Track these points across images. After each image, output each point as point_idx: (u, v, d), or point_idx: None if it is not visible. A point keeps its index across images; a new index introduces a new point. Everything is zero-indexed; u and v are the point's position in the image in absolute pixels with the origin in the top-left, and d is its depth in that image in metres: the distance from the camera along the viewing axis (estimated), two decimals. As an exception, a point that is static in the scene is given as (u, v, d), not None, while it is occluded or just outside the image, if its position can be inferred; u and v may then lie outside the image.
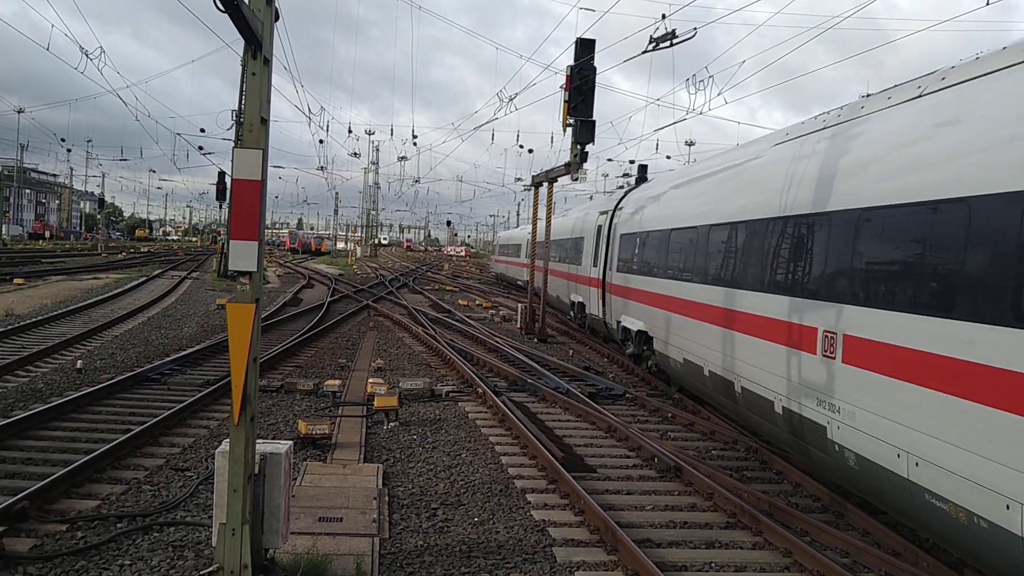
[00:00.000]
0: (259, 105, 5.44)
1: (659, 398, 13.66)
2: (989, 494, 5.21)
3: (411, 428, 10.92)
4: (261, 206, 5.40)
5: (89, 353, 15.35)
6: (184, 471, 8.43)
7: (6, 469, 8.13)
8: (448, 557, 6.55)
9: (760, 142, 11.21)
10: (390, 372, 15.09)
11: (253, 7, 5.31)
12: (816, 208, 8.17)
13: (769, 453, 9.96)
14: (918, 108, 6.91)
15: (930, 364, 5.96)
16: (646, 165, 26.31)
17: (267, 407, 11.59)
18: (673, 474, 9.13)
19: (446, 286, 43.57)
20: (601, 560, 6.64)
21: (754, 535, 7.35)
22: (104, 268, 42.72)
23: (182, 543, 6.50)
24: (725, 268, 10.68)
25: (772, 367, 8.81)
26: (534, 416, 11.63)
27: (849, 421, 7.09)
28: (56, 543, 6.36)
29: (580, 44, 17.76)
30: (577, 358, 18.36)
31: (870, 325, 6.85)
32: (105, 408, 11.00)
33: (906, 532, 7.32)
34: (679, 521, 7.68)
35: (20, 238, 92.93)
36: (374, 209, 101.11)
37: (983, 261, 5.54)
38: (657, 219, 14.69)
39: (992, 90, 5.92)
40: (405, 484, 8.46)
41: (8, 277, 31.36)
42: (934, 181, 6.21)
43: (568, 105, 17.62)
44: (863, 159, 7.53)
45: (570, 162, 18.91)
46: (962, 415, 5.51)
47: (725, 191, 11.42)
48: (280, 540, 5.70)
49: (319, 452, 9.41)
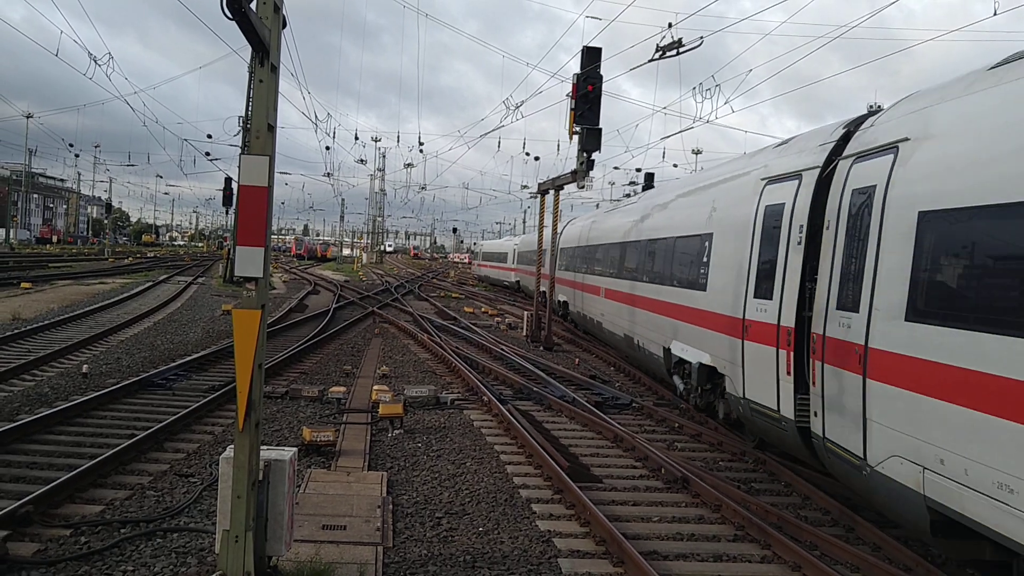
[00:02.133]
0: (266, 112, 5.43)
1: (666, 407, 13.58)
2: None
3: (416, 436, 10.87)
4: (267, 212, 5.38)
5: (95, 358, 15.36)
6: (188, 477, 8.39)
7: (11, 473, 8.11)
8: (452, 567, 6.49)
9: (633, 199, 21.71)
10: (395, 379, 15.05)
11: (261, 15, 5.31)
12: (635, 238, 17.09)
13: (777, 465, 9.87)
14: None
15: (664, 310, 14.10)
16: (652, 174, 26.33)
17: (272, 413, 11.56)
18: (680, 485, 9.05)
19: (452, 293, 43.55)
20: (607, 572, 6.57)
21: (763, 548, 7.27)
22: (111, 273, 42.86)
23: (185, 549, 6.46)
24: (610, 267, 19.57)
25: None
26: (540, 425, 11.56)
27: (641, 332, 15.62)
28: (60, 548, 6.32)
29: (586, 52, 17.77)
30: (583, 366, 18.30)
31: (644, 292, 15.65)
32: (110, 413, 10.99)
33: (917, 547, 7.23)
34: (686, 533, 7.61)
35: (28, 242, 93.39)
36: (380, 216, 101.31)
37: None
38: (573, 239, 25.93)
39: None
40: (409, 492, 8.40)
41: (15, 281, 31.46)
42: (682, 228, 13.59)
43: (574, 113, 17.62)
44: (658, 217, 15.68)
45: (576, 170, 18.91)
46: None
47: (605, 229, 21.36)
48: (283, 547, 5.66)
49: (323, 459, 9.36)
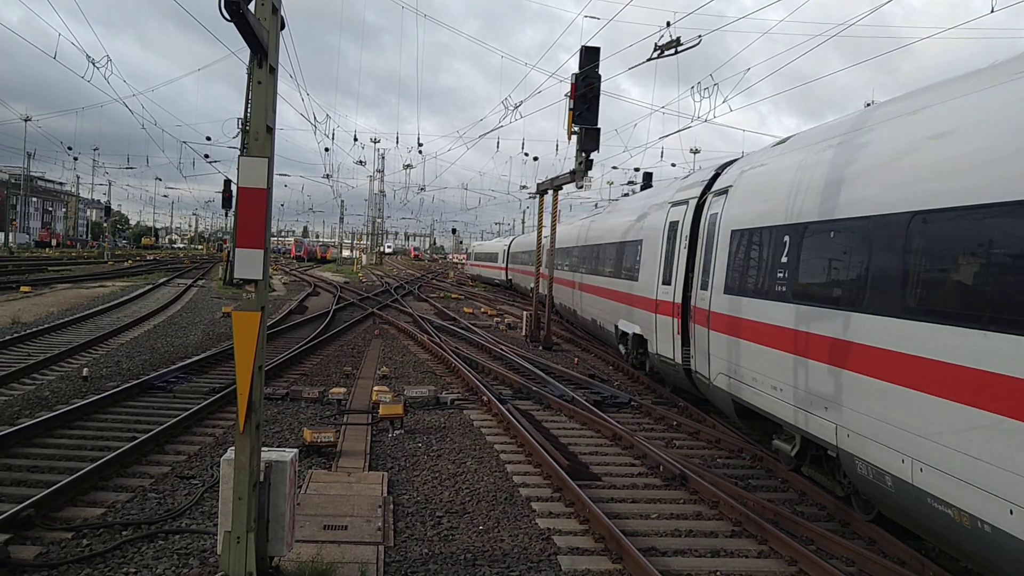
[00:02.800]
0: (265, 113, 5.46)
1: (664, 406, 13.63)
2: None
3: (416, 436, 10.92)
4: (267, 214, 5.41)
5: (95, 361, 15.39)
6: (189, 479, 8.43)
7: (12, 477, 8.15)
8: (453, 565, 6.54)
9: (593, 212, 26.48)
10: (395, 380, 15.09)
11: (259, 16, 5.34)
12: (599, 241, 21.01)
13: (774, 462, 9.93)
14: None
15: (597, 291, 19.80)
16: (650, 173, 26.33)
17: (272, 415, 11.60)
18: (678, 482, 9.10)
19: (451, 294, 43.59)
20: (606, 569, 6.62)
21: (760, 543, 7.32)
22: (110, 276, 42.84)
23: (187, 551, 6.50)
24: (580, 265, 23.40)
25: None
26: (539, 424, 11.61)
27: (582, 306, 22.31)
28: (61, 551, 6.36)
29: (585, 52, 17.81)
30: (582, 366, 18.34)
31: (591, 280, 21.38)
32: (111, 416, 11.02)
33: (912, 541, 7.28)
34: (684, 529, 7.66)
35: (26, 246, 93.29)
36: (379, 217, 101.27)
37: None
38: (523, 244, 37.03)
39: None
40: (410, 492, 8.45)
41: (15, 285, 31.46)
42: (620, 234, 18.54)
43: (573, 113, 17.66)
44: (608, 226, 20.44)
45: (575, 170, 18.94)
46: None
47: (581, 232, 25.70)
48: (285, 548, 5.70)
49: (324, 460, 9.40)
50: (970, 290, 5.72)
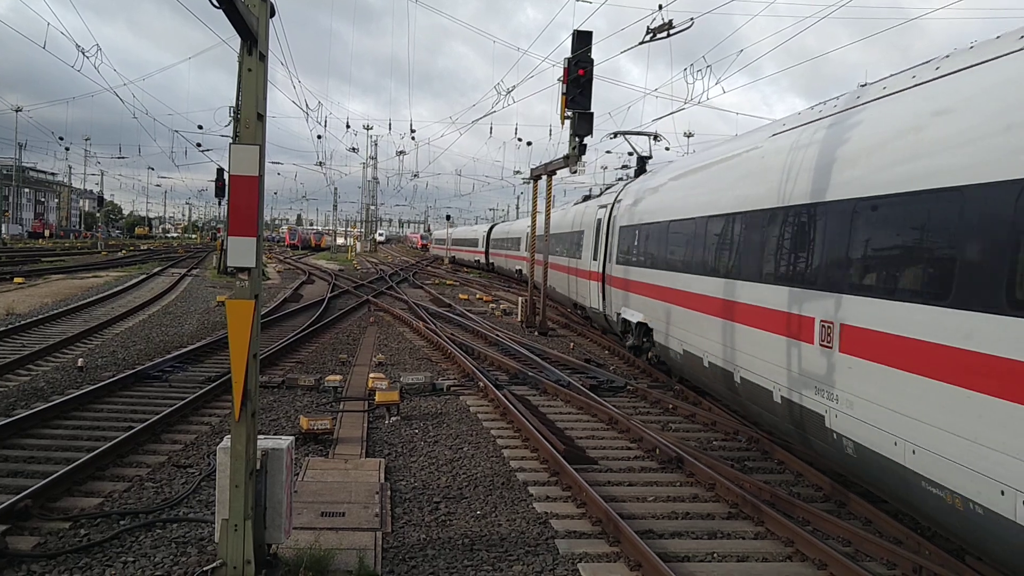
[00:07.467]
0: (255, 101, 5.42)
1: (660, 389, 13.66)
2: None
3: (413, 422, 10.93)
4: (259, 202, 5.38)
5: (90, 351, 15.37)
6: (186, 468, 8.44)
7: (8, 468, 8.14)
8: (451, 550, 6.56)
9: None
10: (391, 367, 15.09)
11: (247, 2, 5.29)
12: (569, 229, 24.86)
13: (770, 443, 9.97)
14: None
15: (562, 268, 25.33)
16: (646, 157, 26.19)
17: (268, 403, 11.60)
18: (675, 465, 9.14)
19: (446, 280, 43.57)
20: (603, 552, 6.65)
21: (756, 525, 7.36)
22: (104, 266, 42.72)
23: (185, 539, 6.52)
24: (545, 248, 25.37)
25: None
26: (535, 409, 11.63)
27: (557, 284, 25.63)
28: (59, 541, 6.37)
29: (577, 36, 17.68)
30: (578, 351, 18.37)
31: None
32: (107, 406, 11.02)
33: (907, 520, 7.33)
34: (681, 512, 7.70)
35: (20, 237, 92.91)
36: (373, 204, 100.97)
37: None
38: (501, 232, 46.29)
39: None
40: (407, 478, 8.47)
41: (8, 276, 31.36)
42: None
43: (566, 98, 17.56)
44: (565, 219, 25.96)
45: (568, 155, 18.86)
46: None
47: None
48: (283, 535, 5.71)
49: (321, 447, 9.42)
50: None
